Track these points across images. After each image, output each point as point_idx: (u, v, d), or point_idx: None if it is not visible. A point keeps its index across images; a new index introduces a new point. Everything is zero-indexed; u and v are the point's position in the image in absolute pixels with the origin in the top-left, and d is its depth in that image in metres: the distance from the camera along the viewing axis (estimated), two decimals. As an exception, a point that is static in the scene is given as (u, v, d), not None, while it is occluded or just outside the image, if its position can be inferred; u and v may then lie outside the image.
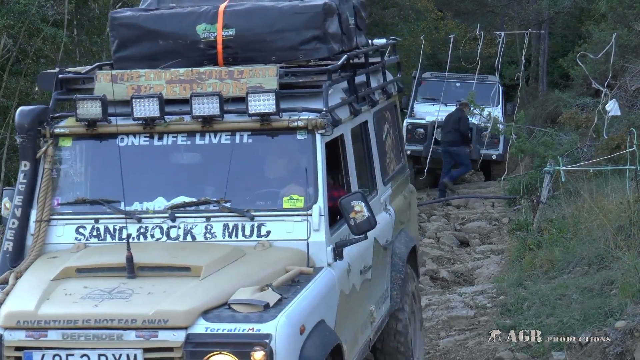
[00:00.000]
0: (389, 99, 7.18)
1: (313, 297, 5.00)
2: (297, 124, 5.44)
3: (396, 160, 7.31)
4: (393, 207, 6.77)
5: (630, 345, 7.20)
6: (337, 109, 5.73)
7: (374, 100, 6.58)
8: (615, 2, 16.21)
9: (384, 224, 6.37)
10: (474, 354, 8.28)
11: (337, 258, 5.39)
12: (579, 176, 12.19)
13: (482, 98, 16.88)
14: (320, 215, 5.31)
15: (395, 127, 7.47)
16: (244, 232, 5.37)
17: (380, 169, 6.59)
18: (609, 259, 9.07)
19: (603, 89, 13.38)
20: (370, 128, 6.51)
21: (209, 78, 5.60)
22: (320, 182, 5.38)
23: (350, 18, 6.44)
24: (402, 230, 6.96)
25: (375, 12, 23.61)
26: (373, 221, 5.30)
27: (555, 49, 25.56)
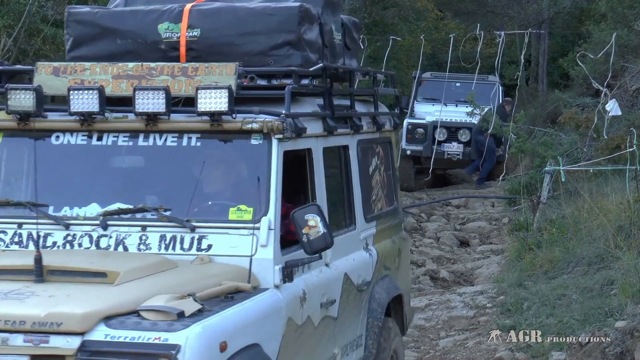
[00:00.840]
0: (380, 132, 6.56)
1: (246, 315, 4.40)
2: (252, 126, 4.87)
3: (386, 201, 6.69)
4: (376, 249, 6.16)
5: (630, 345, 7.20)
6: (307, 121, 5.18)
7: (358, 125, 5.98)
8: (615, 2, 16.20)
9: (360, 262, 5.84)
10: (474, 354, 8.28)
11: (286, 280, 4.77)
12: (579, 176, 12.19)
13: (482, 98, 16.89)
14: (270, 230, 4.73)
15: (388, 165, 6.82)
16: (182, 245, 4.80)
17: (363, 203, 6.02)
18: (609, 259, 9.07)
19: (603, 89, 13.38)
20: (351, 155, 5.93)
21: (160, 74, 5.09)
22: (273, 193, 4.81)
23: (337, 33, 5.97)
24: (386, 276, 6.33)
25: (375, 12, 23.62)
26: (329, 239, 4.71)
27: (555, 49, 25.56)
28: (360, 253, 5.92)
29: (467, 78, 18.99)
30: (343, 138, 5.80)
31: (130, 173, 5.24)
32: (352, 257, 5.72)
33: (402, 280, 6.78)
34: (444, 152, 17.79)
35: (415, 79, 19.46)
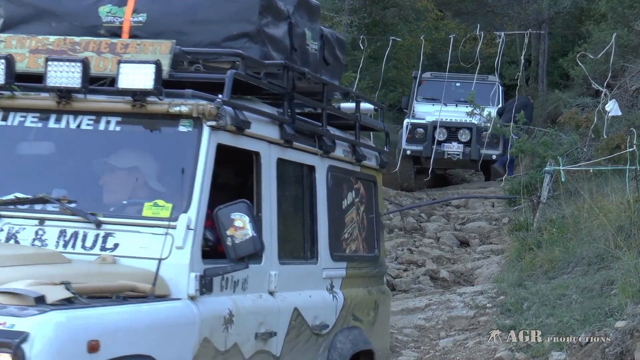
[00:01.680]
0: (361, 165, 5.97)
1: (136, 319, 3.74)
2: (180, 109, 4.23)
3: (364, 246, 6.07)
4: (344, 294, 5.53)
5: (630, 345, 7.20)
6: (257, 121, 4.62)
7: (328, 146, 5.37)
8: (615, 2, 16.20)
9: (319, 301, 5.23)
10: (474, 354, 8.28)
11: (204, 291, 4.10)
12: (579, 176, 12.19)
13: (482, 98, 16.90)
14: (189, 229, 4.07)
15: (371, 208, 6.19)
16: (85, 243, 4.13)
17: (330, 238, 5.40)
18: (609, 259, 9.07)
19: (603, 89, 13.38)
20: (318, 179, 5.32)
21: (85, 50, 4.52)
22: (197, 188, 4.16)
23: (312, 42, 5.49)
24: (355, 327, 5.67)
25: (375, 12, 23.62)
26: (258, 244, 4.08)
27: (555, 49, 25.54)
28: (321, 292, 5.31)
29: (467, 78, 18.98)
30: (308, 156, 5.24)
31: (37, 160, 4.56)
32: (309, 294, 5.10)
33: (377, 338, 6.03)
34: (444, 152, 17.79)
35: (415, 79, 19.45)
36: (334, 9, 22.00)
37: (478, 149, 17.58)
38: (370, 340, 5.84)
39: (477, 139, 17.59)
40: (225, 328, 4.24)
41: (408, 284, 11.53)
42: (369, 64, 21.24)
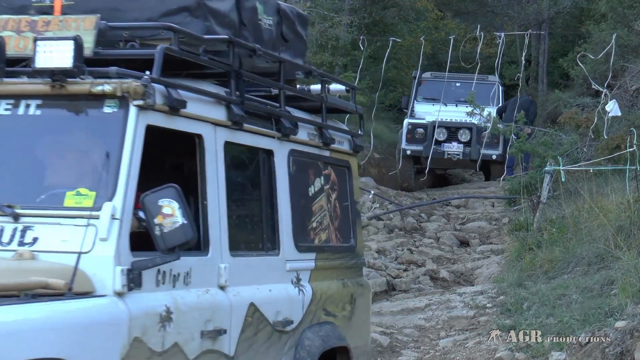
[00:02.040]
0: (330, 149, 5.62)
1: (46, 317, 3.41)
2: (103, 88, 3.88)
3: (338, 236, 5.71)
4: (312, 287, 5.20)
5: (630, 345, 7.20)
6: (198, 101, 4.29)
7: (288, 128, 5.03)
8: (615, 2, 16.21)
9: (281, 296, 4.89)
10: (474, 354, 8.28)
11: (132, 286, 3.76)
12: (579, 176, 12.19)
13: (482, 98, 16.90)
14: (114, 219, 3.74)
15: (344, 195, 5.83)
16: (1, 238, 3.80)
17: (294, 227, 5.07)
18: (609, 259, 9.07)
19: (603, 89, 13.38)
20: (278, 164, 4.98)
21: (4, 29, 4.19)
22: (123, 174, 3.83)
23: (267, 17, 5.09)
24: (327, 323, 5.32)
25: (375, 12, 23.62)
26: (190, 233, 3.77)
27: (555, 49, 25.55)
28: (285, 286, 4.96)
29: (467, 78, 18.99)
30: (265, 140, 4.90)
31: None
32: (269, 288, 4.75)
33: (354, 333, 5.66)
34: (444, 152, 17.79)
35: (415, 79, 19.45)
36: (334, 9, 22.00)
37: (478, 149, 17.58)
38: (346, 336, 5.50)
39: (477, 139, 17.59)
40: (161, 326, 3.90)
41: (408, 284, 11.53)
42: (369, 64, 21.24)
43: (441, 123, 17.69)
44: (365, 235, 13.96)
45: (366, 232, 14.15)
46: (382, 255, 12.89)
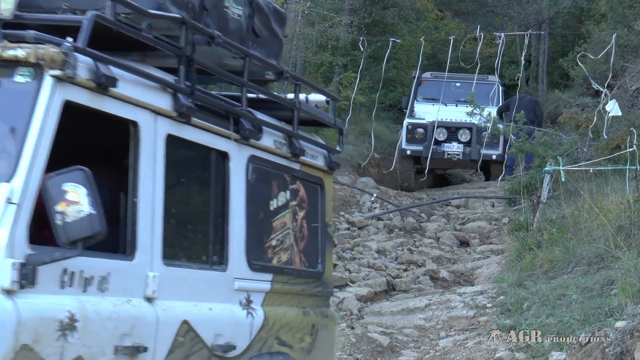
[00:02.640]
0: (301, 162, 5.15)
1: None
2: (15, 53, 3.44)
3: (303, 259, 5.19)
4: (265, 312, 4.68)
5: (630, 345, 7.20)
6: (131, 83, 3.77)
7: (248, 130, 4.54)
8: (615, 2, 16.21)
9: (225, 317, 4.36)
10: (474, 354, 8.27)
11: (25, 283, 3.23)
12: (579, 176, 12.19)
13: (482, 98, 16.90)
14: (9, 203, 3.24)
15: (315, 216, 5.32)
16: None
17: (247, 242, 4.57)
18: (609, 259, 9.08)
19: (603, 89, 13.38)
20: (234, 168, 4.49)
21: None
22: (28, 154, 3.33)
23: (235, 6, 4.67)
24: (280, 353, 4.82)
25: (375, 12, 23.62)
26: (98, 225, 3.25)
27: (555, 49, 25.55)
28: (230, 306, 4.42)
29: (467, 78, 19.00)
30: (220, 140, 4.40)
31: None
32: (209, 306, 4.22)
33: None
34: (444, 152, 17.80)
35: (415, 79, 19.46)
36: (334, 9, 22.00)
37: (478, 149, 17.59)
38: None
39: (477, 139, 17.60)
40: (61, 335, 3.35)
41: (408, 284, 11.53)
42: (369, 64, 21.24)
43: (441, 123, 17.69)
44: (365, 235, 13.95)
45: (366, 232, 14.14)
46: (382, 255, 12.89)
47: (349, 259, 12.62)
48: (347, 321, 9.48)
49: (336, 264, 12.29)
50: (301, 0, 20.00)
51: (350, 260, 12.59)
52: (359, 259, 12.61)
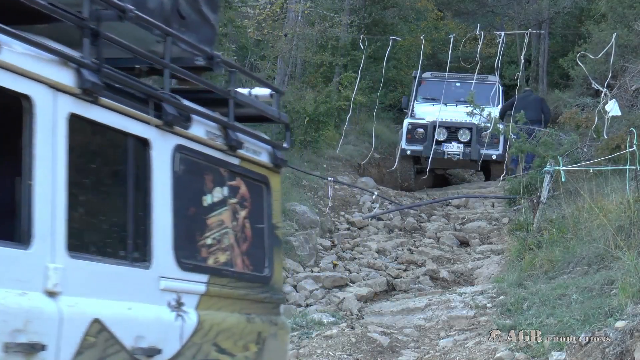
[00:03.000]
0: (240, 157, 4.81)
1: None
2: None
3: (247, 262, 4.86)
4: (200, 316, 4.34)
5: (630, 345, 7.20)
6: (19, 53, 3.43)
7: (171, 116, 4.18)
8: (615, 2, 16.21)
9: (149, 319, 4.02)
10: (474, 354, 8.27)
11: None
12: (579, 176, 12.19)
13: (482, 98, 16.90)
14: None
15: (260, 216, 5.00)
16: None
17: (175, 238, 4.22)
18: (609, 259, 9.08)
19: (603, 89, 13.38)
20: (157, 157, 4.13)
21: None
22: None
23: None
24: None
25: (375, 12, 23.63)
26: None
27: (555, 49, 25.55)
28: (156, 307, 4.09)
29: (467, 78, 19.00)
30: (138, 125, 4.03)
31: None
32: (128, 306, 3.89)
33: None
34: (444, 152, 17.80)
35: (415, 79, 19.47)
36: (334, 9, 22.01)
37: (478, 149, 17.59)
38: None
39: (477, 139, 17.60)
40: None
41: (408, 284, 11.53)
42: (369, 64, 21.24)
43: (441, 123, 17.70)
44: (365, 235, 13.96)
45: (366, 232, 14.15)
46: (382, 255, 12.89)
47: (349, 259, 12.63)
48: (347, 321, 9.48)
49: (336, 264, 12.29)
50: (301, 0, 20.00)
51: (350, 260, 12.59)
52: (359, 259, 12.61)
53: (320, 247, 13.06)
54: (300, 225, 13.12)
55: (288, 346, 5.31)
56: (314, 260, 12.40)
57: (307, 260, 12.24)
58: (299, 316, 9.46)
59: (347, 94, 18.46)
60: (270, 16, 20.19)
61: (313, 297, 10.92)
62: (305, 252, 12.35)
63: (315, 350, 8.48)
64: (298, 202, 13.74)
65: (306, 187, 15.48)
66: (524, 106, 16.16)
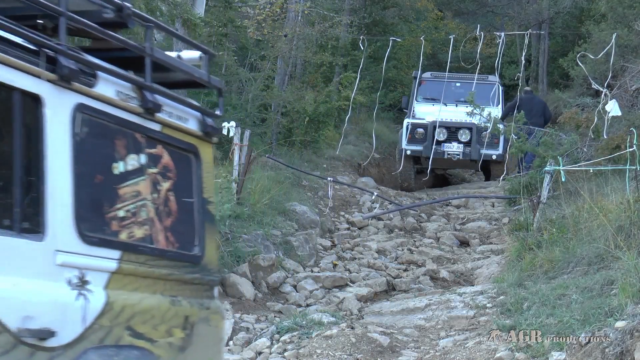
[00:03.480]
0: (159, 121, 4.33)
1: None
2: None
3: (171, 238, 4.37)
4: (109, 295, 3.91)
5: (630, 345, 7.20)
6: None
7: (68, 69, 3.73)
8: (615, 2, 16.22)
9: (38, 295, 3.58)
10: (474, 354, 8.27)
11: None
12: (579, 176, 12.19)
13: (482, 98, 16.91)
14: None
15: (188, 189, 4.56)
16: None
17: (76, 208, 3.77)
18: (609, 259, 9.07)
19: (603, 89, 13.39)
20: (52, 117, 3.69)
21: None
22: None
23: None
24: (131, 347, 4.01)
25: (375, 12, 23.64)
26: None
27: (555, 49, 25.56)
28: (51, 285, 3.65)
29: (467, 78, 19.01)
30: (25, 79, 3.59)
31: None
32: (13, 281, 3.45)
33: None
34: (444, 152, 17.80)
35: (415, 79, 19.47)
36: (334, 9, 22.01)
37: (478, 149, 17.60)
38: None
39: (477, 139, 17.61)
40: None
41: (408, 284, 11.53)
42: (369, 64, 21.25)
43: (441, 123, 17.70)
44: (365, 235, 13.96)
45: (366, 232, 14.15)
46: (382, 255, 12.89)
47: (349, 259, 12.63)
48: (347, 321, 9.48)
49: (336, 264, 12.29)
50: (301, 0, 20.01)
51: (350, 260, 12.60)
52: (359, 259, 12.62)
53: (320, 247, 13.06)
54: (300, 225, 13.12)
55: (224, 332, 4.76)
56: (314, 260, 12.40)
57: (307, 260, 12.25)
58: (299, 316, 9.46)
59: (347, 94, 18.47)
60: (270, 16, 20.20)
61: (313, 297, 10.93)
62: (305, 252, 12.35)
63: (315, 350, 8.48)
64: (298, 202, 13.74)
65: (306, 187, 15.49)
66: (527, 110, 16.18)
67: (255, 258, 11.07)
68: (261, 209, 12.44)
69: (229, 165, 12.79)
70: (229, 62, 17.28)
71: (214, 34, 16.83)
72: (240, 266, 10.82)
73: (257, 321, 9.74)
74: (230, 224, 11.41)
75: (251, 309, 10.21)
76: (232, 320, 9.47)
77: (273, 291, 11.01)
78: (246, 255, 11.02)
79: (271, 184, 13.30)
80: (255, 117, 17.06)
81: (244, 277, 10.70)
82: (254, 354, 8.71)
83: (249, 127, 14.67)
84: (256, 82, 17.54)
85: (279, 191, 13.30)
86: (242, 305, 10.23)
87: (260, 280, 10.95)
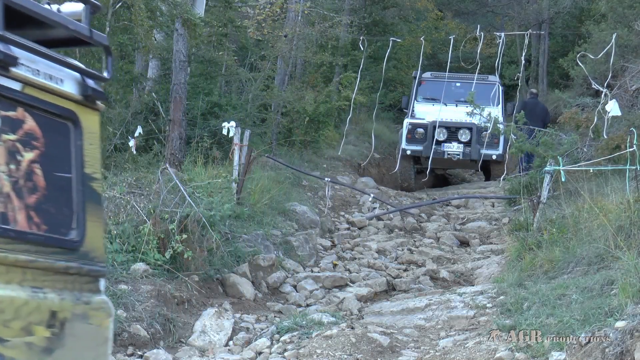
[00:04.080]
0: (17, 79, 3.57)
1: None
2: None
3: (36, 220, 3.62)
4: None
5: (630, 345, 7.19)
6: None
7: None
8: (615, 2, 16.22)
9: None
10: (474, 354, 8.27)
11: None
12: (579, 176, 12.19)
13: (482, 98, 16.91)
14: None
15: (64, 163, 3.82)
16: None
17: None
18: (609, 259, 9.07)
19: (603, 89, 13.39)
20: None
21: None
22: None
23: None
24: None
25: (375, 12, 23.64)
26: None
27: (555, 49, 25.55)
28: None
29: (467, 78, 19.01)
30: None
31: None
32: None
33: None
34: (444, 152, 17.80)
35: (415, 79, 19.48)
36: (334, 9, 22.01)
37: (478, 149, 17.60)
38: None
39: (477, 139, 17.61)
40: None
41: (408, 284, 11.53)
42: (369, 64, 21.25)
43: (441, 123, 17.71)
44: (365, 235, 13.96)
45: (366, 232, 14.15)
46: (382, 255, 12.89)
47: (349, 259, 12.63)
48: (347, 321, 9.48)
49: (336, 264, 12.29)
50: (301, 0, 20.01)
51: (350, 260, 12.59)
52: (359, 259, 12.61)
53: (320, 247, 13.06)
54: (300, 225, 13.12)
55: (109, 332, 4.07)
56: (314, 260, 12.40)
57: (307, 260, 12.24)
58: (299, 316, 9.46)
59: (347, 94, 18.47)
60: (270, 16, 20.20)
61: (313, 297, 10.92)
62: (305, 252, 12.35)
63: (315, 350, 8.48)
64: (298, 202, 13.74)
65: (306, 187, 15.49)
66: (532, 115, 16.22)
67: (255, 258, 11.08)
68: (261, 209, 12.45)
69: (229, 165, 12.80)
70: (229, 62, 17.29)
71: (214, 34, 16.84)
72: (240, 266, 10.83)
73: (257, 321, 9.74)
74: (230, 224, 11.41)
75: (251, 309, 10.21)
76: (232, 320, 9.47)
77: (273, 291, 11.01)
78: (246, 255, 11.02)
79: (271, 184, 13.31)
80: (255, 117, 17.06)
81: (244, 277, 10.71)
82: (254, 354, 8.71)
83: (249, 127, 14.68)
84: (256, 82, 17.54)
85: (279, 191, 13.31)
86: (242, 305, 10.23)
87: (260, 280, 10.95)
